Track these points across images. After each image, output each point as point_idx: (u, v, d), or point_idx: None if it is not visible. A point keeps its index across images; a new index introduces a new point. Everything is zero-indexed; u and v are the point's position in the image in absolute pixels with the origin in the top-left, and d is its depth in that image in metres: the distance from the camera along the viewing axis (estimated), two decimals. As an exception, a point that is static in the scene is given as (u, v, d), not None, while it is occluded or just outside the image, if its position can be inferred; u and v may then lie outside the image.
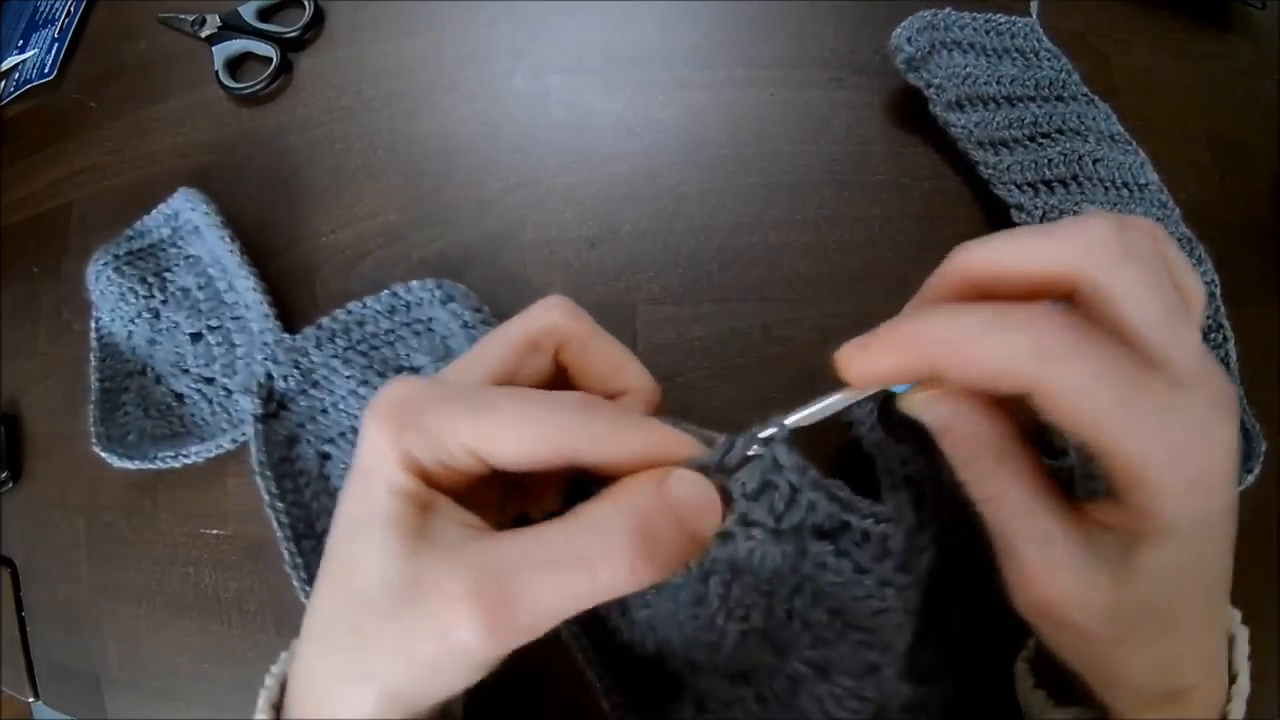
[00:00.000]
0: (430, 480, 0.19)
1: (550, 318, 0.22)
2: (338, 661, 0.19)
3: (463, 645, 0.17)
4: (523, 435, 0.18)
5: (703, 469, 0.19)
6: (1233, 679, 0.21)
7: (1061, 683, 0.23)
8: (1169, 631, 0.19)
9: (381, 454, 0.19)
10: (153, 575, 0.36)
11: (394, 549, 0.18)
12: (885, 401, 0.25)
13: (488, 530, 0.19)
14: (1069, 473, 0.27)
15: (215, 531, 0.35)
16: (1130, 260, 0.18)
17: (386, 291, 0.33)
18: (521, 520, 0.23)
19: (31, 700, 0.39)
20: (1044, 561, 0.19)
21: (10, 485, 0.39)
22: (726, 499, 0.19)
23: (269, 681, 0.22)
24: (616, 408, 0.20)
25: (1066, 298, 0.19)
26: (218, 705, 0.34)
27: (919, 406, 0.21)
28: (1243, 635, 0.22)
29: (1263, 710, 0.30)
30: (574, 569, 0.17)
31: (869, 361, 0.19)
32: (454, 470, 0.19)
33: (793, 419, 0.20)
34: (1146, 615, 0.19)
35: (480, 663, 0.18)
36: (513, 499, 0.23)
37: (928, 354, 0.19)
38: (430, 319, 0.33)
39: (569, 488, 0.22)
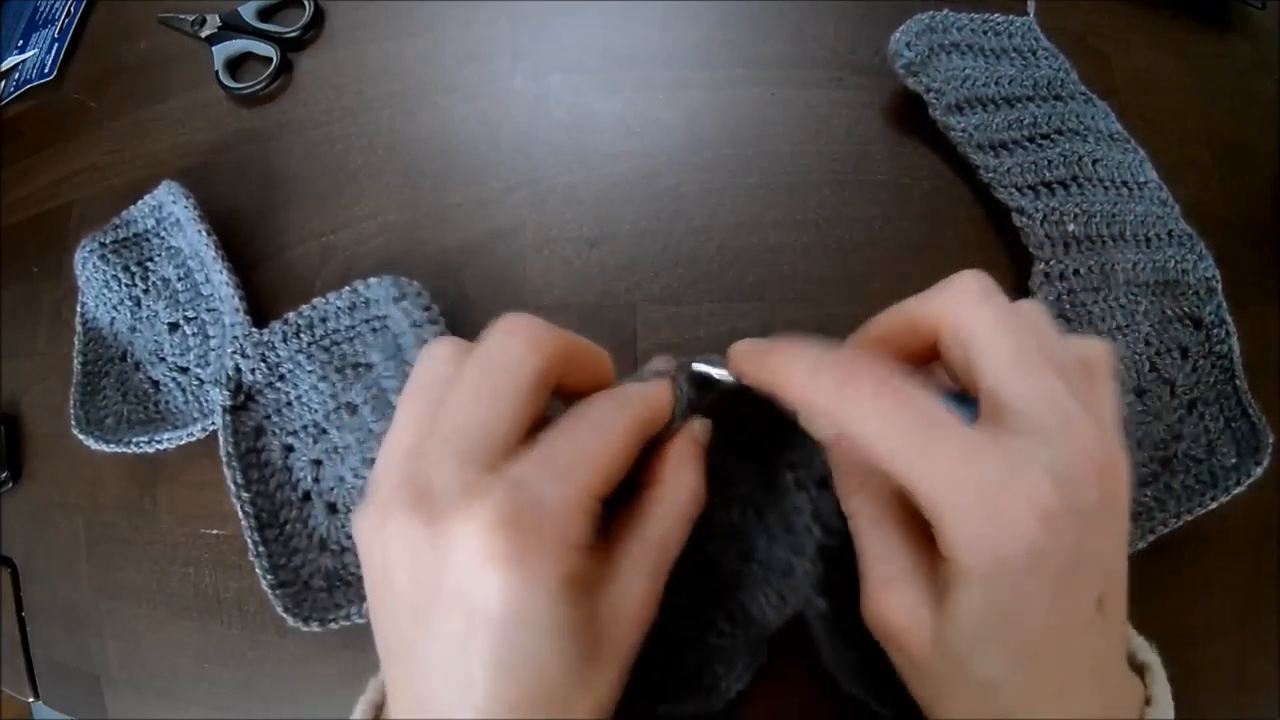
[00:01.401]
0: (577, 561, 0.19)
1: (548, 349, 0.20)
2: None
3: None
4: (624, 454, 0.20)
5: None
6: None
7: None
8: (986, 681, 0.19)
9: (535, 596, 0.17)
10: (153, 575, 0.36)
11: (574, 664, 0.18)
12: None
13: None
14: None
15: (215, 531, 0.35)
16: (987, 304, 0.20)
17: (347, 287, 0.33)
18: None
19: (31, 700, 0.39)
20: (884, 580, 0.20)
21: (10, 485, 0.39)
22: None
23: (373, 687, 0.23)
24: (631, 388, 0.22)
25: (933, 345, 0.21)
26: (218, 705, 0.34)
27: (811, 420, 0.23)
28: (1161, 696, 0.22)
29: (1263, 710, 0.30)
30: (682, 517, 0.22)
31: (742, 365, 0.23)
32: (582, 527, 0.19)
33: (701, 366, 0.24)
34: (963, 657, 0.19)
35: None
36: None
37: (768, 380, 0.21)
38: (386, 316, 0.33)
39: None
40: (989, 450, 0.18)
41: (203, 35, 0.43)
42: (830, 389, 0.19)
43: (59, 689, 0.38)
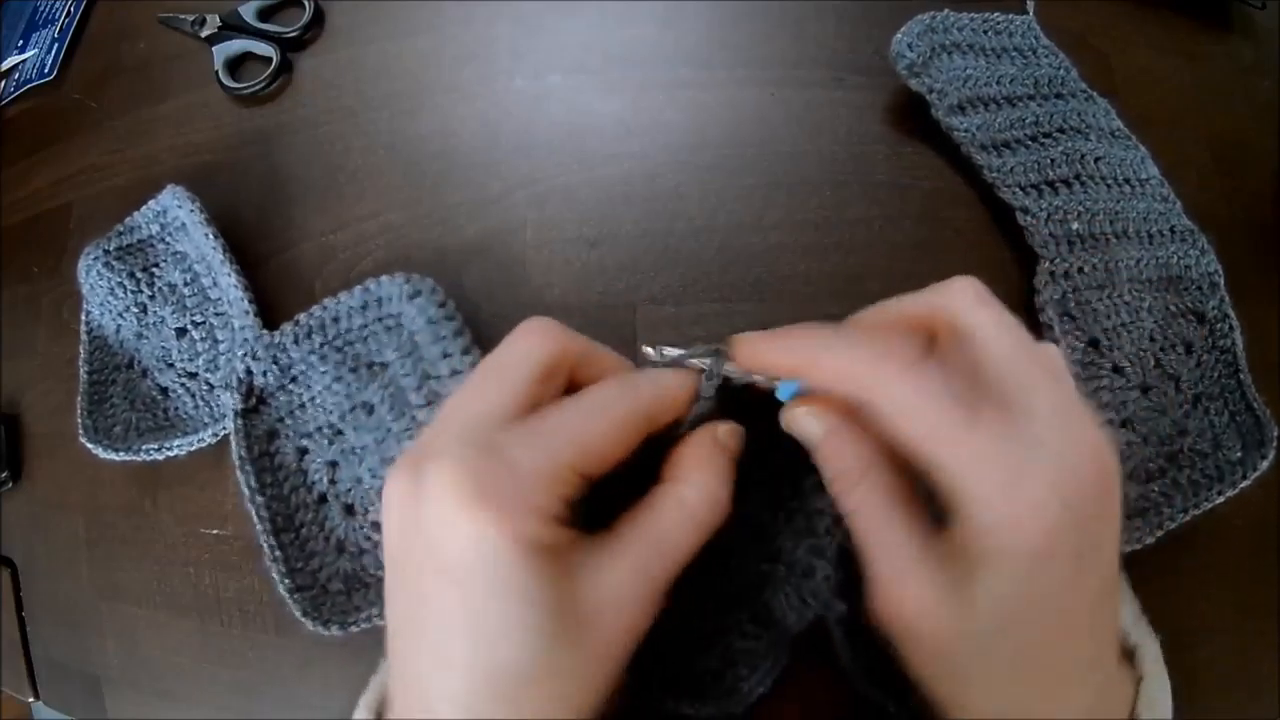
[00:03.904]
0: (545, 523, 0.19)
1: (552, 345, 0.21)
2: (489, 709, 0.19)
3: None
4: (622, 436, 0.20)
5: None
6: None
7: None
8: (1013, 668, 0.19)
9: (498, 550, 0.18)
10: (153, 575, 0.36)
11: (546, 642, 0.18)
12: None
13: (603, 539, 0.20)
14: None
15: (215, 531, 0.35)
16: (986, 307, 0.21)
17: (359, 287, 0.33)
18: None
19: (31, 700, 0.39)
20: (896, 573, 0.20)
21: (10, 485, 0.39)
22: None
23: (374, 686, 0.23)
24: (639, 375, 0.22)
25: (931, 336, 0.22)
26: (218, 705, 0.34)
27: (798, 420, 0.22)
28: (1155, 677, 0.22)
29: (1263, 710, 0.30)
30: (693, 519, 0.21)
31: (755, 349, 0.22)
32: (561, 500, 0.19)
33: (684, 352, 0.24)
34: (989, 645, 0.19)
35: None
36: None
37: (793, 358, 0.21)
38: (399, 314, 0.33)
39: None
40: (1013, 435, 0.18)
41: (203, 35, 0.43)
42: (863, 363, 0.20)
43: (59, 689, 0.38)
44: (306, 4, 0.42)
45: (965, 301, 0.21)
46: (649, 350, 0.24)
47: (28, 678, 0.38)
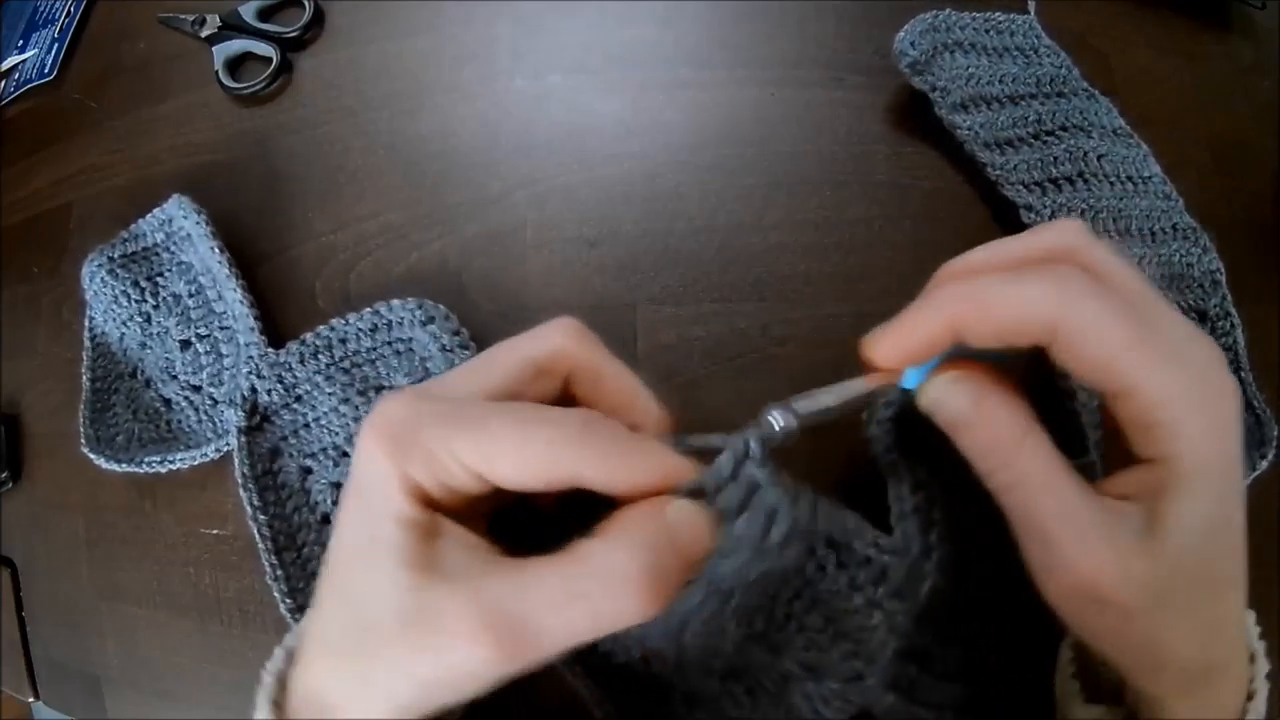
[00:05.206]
0: (432, 502, 0.19)
1: (555, 343, 0.21)
2: (344, 675, 0.19)
3: (471, 671, 0.17)
4: (526, 458, 0.18)
5: (700, 488, 0.19)
6: (1251, 658, 0.21)
7: (1094, 686, 0.23)
8: (1207, 592, 0.19)
9: (383, 478, 0.18)
10: (153, 575, 0.36)
11: (402, 580, 0.18)
12: (899, 420, 0.25)
13: (493, 552, 0.19)
14: (1088, 470, 0.27)
15: (215, 531, 0.35)
16: (1098, 244, 0.20)
17: (369, 309, 0.33)
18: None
19: (31, 700, 0.39)
20: (1077, 537, 0.19)
21: (10, 485, 0.39)
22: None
23: (266, 680, 0.21)
24: (619, 430, 0.19)
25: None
26: (218, 705, 0.34)
27: (940, 391, 0.20)
28: (1250, 617, 0.22)
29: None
30: (584, 605, 0.17)
31: (895, 338, 0.20)
32: (456, 491, 0.19)
33: (801, 404, 0.20)
34: (1183, 577, 0.19)
35: (487, 683, 0.18)
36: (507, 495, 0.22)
37: (950, 314, 0.19)
38: (410, 339, 0.33)
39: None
40: (1194, 352, 0.19)
41: (203, 35, 0.43)
42: (1046, 290, 0.18)
43: (59, 689, 0.38)
44: (306, 4, 0.42)
45: (1084, 239, 0.20)
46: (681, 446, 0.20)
47: (28, 678, 0.38)
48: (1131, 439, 0.19)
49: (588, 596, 0.17)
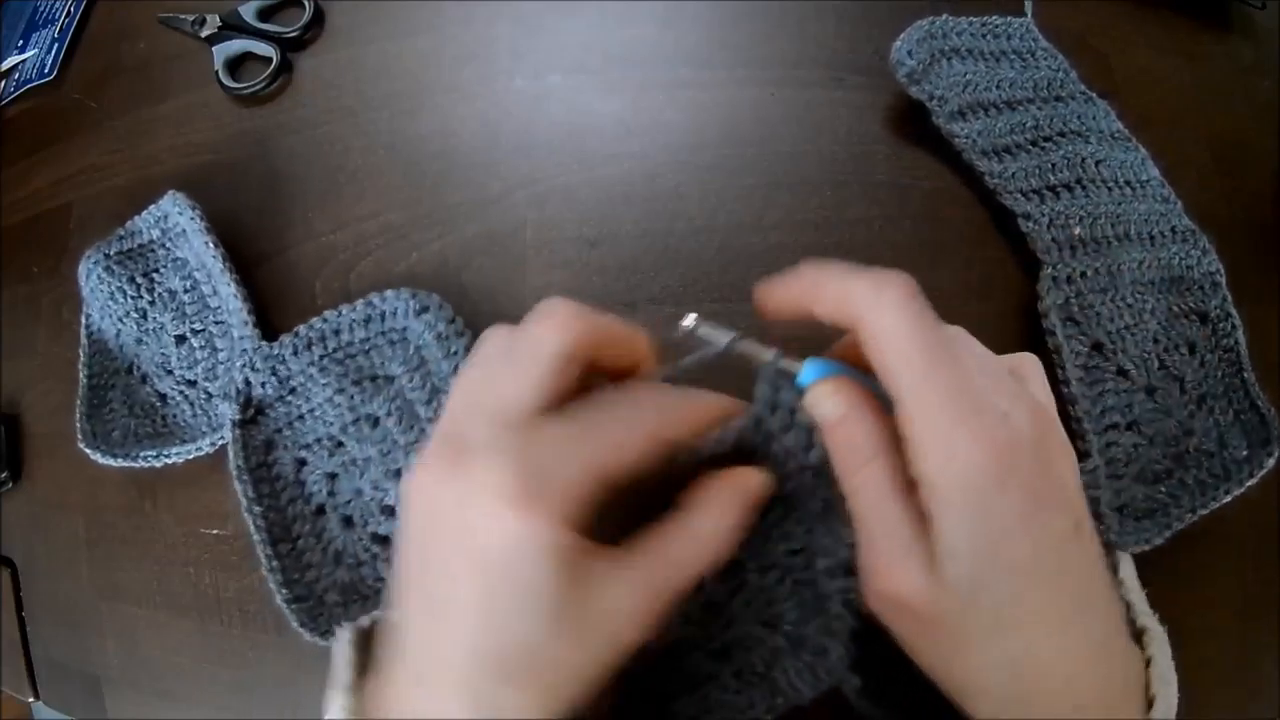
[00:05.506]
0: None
1: (574, 331, 0.22)
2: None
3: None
4: (646, 446, 0.21)
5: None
6: (1150, 704, 0.22)
7: None
8: (1008, 626, 0.20)
9: (529, 551, 0.19)
10: (153, 575, 0.36)
11: (550, 635, 0.19)
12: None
13: (612, 549, 0.21)
14: (1091, 476, 0.27)
15: (215, 531, 0.35)
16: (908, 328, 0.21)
17: (362, 301, 0.33)
18: None
19: (31, 700, 0.39)
20: (892, 550, 0.21)
21: (10, 485, 0.39)
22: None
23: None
24: (679, 395, 0.23)
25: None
26: (218, 705, 0.34)
27: (820, 394, 0.23)
28: (1162, 656, 0.23)
29: (1263, 710, 0.30)
30: (702, 552, 0.22)
31: (774, 294, 0.24)
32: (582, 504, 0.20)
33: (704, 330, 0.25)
34: (972, 608, 0.20)
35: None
36: None
37: (800, 290, 0.23)
38: (405, 329, 0.33)
39: None
40: (965, 384, 0.20)
41: (203, 35, 0.43)
42: (862, 290, 0.21)
43: (59, 689, 0.38)
44: (306, 4, 0.42)
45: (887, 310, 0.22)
46: (688, 322, 0.25)
47: (28, 678, 0.38)
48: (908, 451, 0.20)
49: (705, 544, 0.22)
